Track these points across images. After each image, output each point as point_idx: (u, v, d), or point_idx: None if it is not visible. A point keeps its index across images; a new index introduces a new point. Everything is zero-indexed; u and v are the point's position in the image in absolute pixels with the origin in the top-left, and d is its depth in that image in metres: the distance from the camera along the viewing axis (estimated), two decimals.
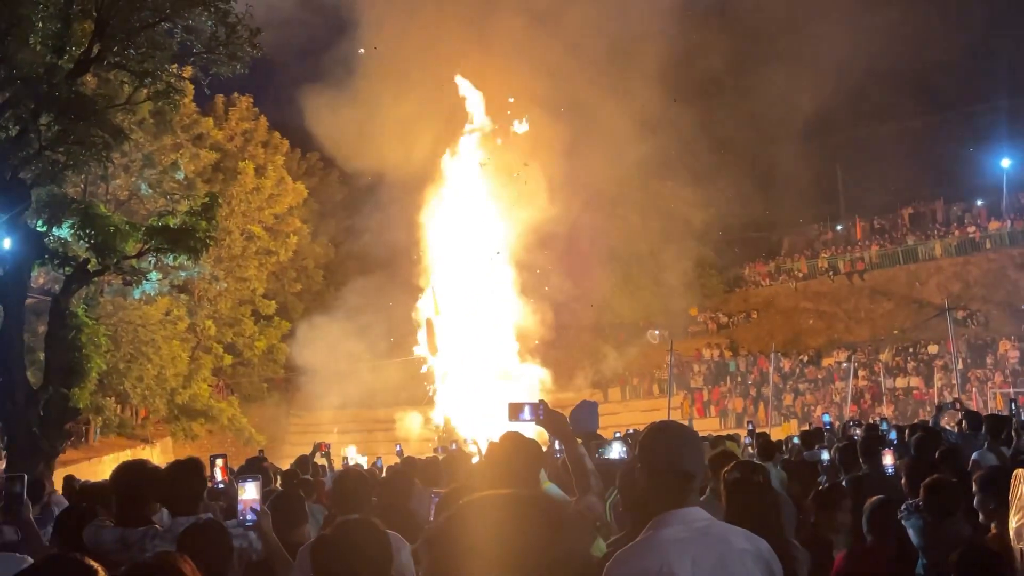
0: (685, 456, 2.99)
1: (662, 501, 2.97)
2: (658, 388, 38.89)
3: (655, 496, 3.02)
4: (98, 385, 22.05)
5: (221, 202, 18.43)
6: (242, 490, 4.35)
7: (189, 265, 20.50)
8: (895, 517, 4.87)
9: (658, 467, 3.00)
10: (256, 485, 4.37)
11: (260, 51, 17.15)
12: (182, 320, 31.47)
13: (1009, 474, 4.50)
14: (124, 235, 15.49)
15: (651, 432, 3.10)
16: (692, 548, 2.83)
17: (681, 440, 3.04)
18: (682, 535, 2.87)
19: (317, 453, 14.80)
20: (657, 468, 3.01)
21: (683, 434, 3.10)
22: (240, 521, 4.33)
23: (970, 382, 32.67)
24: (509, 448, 4.02)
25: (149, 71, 16.10)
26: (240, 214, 35.17)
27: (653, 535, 2.91)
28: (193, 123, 33.52)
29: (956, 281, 38.89)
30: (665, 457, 3.00)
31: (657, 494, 3.01)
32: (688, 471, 2.96)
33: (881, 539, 4.71)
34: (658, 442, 3.05)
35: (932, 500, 4.86)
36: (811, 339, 40.82)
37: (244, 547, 4.59)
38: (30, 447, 14.50)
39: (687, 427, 3.19)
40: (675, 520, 2.91)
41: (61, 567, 2.53)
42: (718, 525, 2.98)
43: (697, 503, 3.01)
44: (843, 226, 47.02)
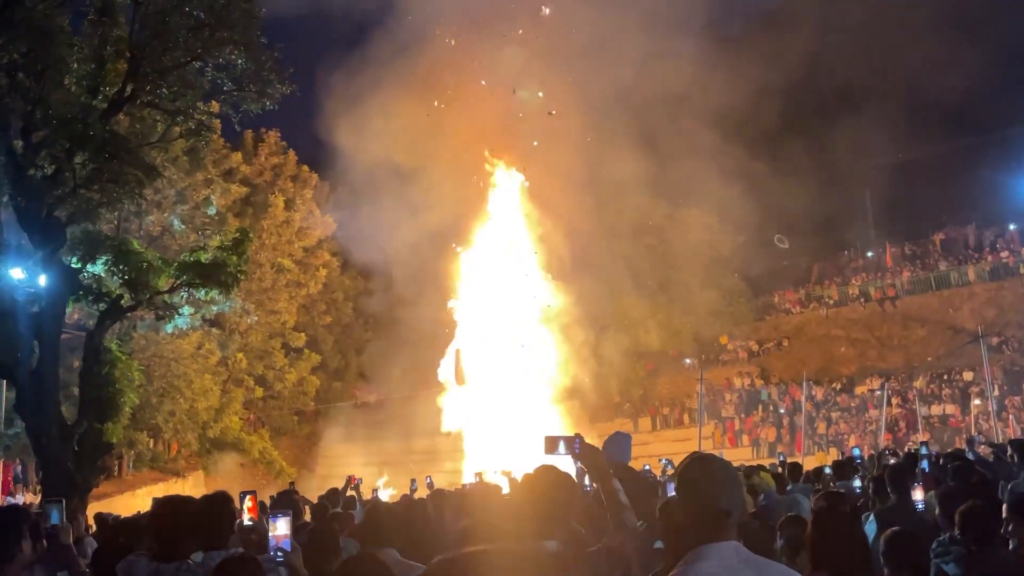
0: (723, 493, 2.96)
1: (698, 536, 2.96)
2: (689, 417, 38.62)
3: (691, 530, 3.01)
4: (131, 419, 22.25)
5: (252, 236, 18.59)
6: (273, 526, 4.38)
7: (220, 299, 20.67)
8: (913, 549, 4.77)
9: (695, 503, 2.99)
10: (287, 520, 4.41)
11: (290, 88, 17.39)
12: (213, 354, 31.76)
13: None
14: (156, 271, 15.71)
15: (690, 466, 3.08)
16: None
17: (719, 476, 3.01)
18: (718, 570, 2.85)
19: (348, 486, 14.83)
20: (694, 504, 3.00)
21: (721, 469, 3.06)
22: (271, 556, 4.35)
23: (1007, 409, 32.15)
24: (546, 482, 3.97)
25: (181, 109, 16.39)
26: (270, 247, 35.53)
27: (688, 569, 2.89)
28: (223, 158, 33.99)
29: (990, 307, 38.43)
30: (703, 493, 2.98)
31: (694, 529, 2.99)
32: (725, 508, 2.94)
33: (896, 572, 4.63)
34: (696, 477, 3.03)
35: (970, 527, 4.77)
36: (843, 367, 40.40)
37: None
38: (64, 482, 14.64)
39: (726, 462, 3.15)
40: (711, 554, 2.88)
41: None
42: (755, 560, 2.96)
43: (733, 538, 2.98)
44: (874, 252, 46.65)
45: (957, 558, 4.70)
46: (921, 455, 10.10)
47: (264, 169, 38.66)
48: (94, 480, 16.00)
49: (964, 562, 4.66)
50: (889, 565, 4.86)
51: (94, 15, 16.49)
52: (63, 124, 14.94)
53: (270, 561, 4.43)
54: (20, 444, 23.17)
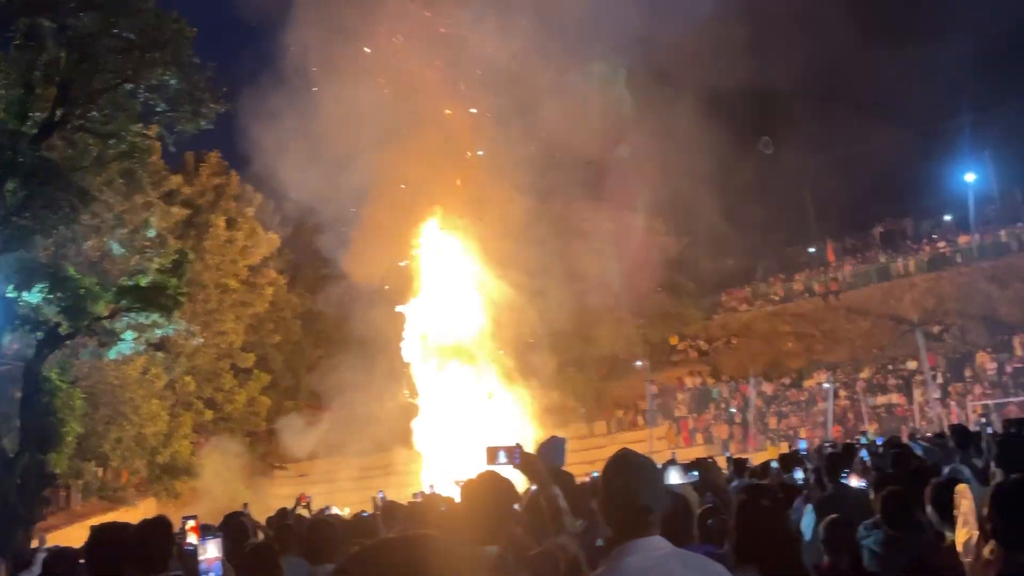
0: (642, 490, 3.02)
1: (623, 532, 3.02)
2: (643, 419, 38.90)
3: (615, 528, 3.07)
4: (76, 449, 21.83)
5: (193, 258, 18.40)
6: (203, 549, 4.36)
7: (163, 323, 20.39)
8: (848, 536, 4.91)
9: (616, 501, 3.05)
10: (217, 543, 4.39)
11: (225, 106, 17.26)
12: (160, 378, 31.25)
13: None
14: (95, 297, 15.45)
15: (611, 464, 3.14)
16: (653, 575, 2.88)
17: (638, 473, 3.08)
18: (643, 564, 2.91)
19: (298, 505, 14.71)
20: (615, 501, 3.06)
21: (640, 467, 3.13)
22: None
23: (950, 396, 32.87)
24: (486, 488, 3.99)
25: (114, 132, 16.17)
26: (214, 268, 35.10)
27: (615, 565, 2.95)
28: (163, 180, 33.53)
29: (930, 296, 39.25)
30: (623, 491, 3.04)
31: (617, 526, 3.06)
32: (645, 505, 3.00)
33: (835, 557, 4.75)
34: (616, 476, 3.10)
35: (887, 512, 4.92)
36: (791, 361, 41.01)
37: None
38: (7, 515, 14.33)
39: (645, 459, 3.21)
40: (635, 550, 2.94)
41: None
42: (676, 553, 3.02)
43: (657, 533, 3.05)
44: (816, 248, 47.41)
45: (877, 541, 4.83)
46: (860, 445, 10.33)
47: (206, 189, 38.21)
48: (38, 512, 15.67)
49: (883, 545, 4.79)
50: (828, 551, 5.00)
51: (20, 39, 16.19)
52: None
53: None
54: None
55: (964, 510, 3.92)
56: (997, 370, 34.11)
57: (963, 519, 4.04)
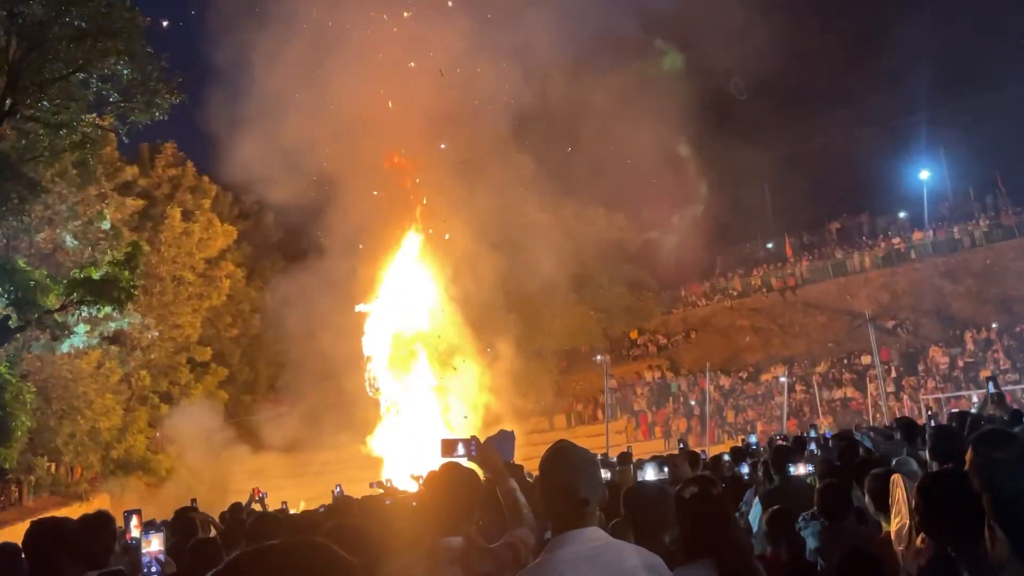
0: (580, 481, 3.04)
1: (560, 523, 3.04)
2: (602, 413, 39.06)
3: (553, 519, 3.08)
4: (28, 444, 21.51)
5: (148, 250, 18.18)
6: (146, 542, 4.33)
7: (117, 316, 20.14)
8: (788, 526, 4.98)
9: (555, 492, 3.07)
10: (160, 537, 4.36)
11: (180, 98, 17.05)
12: (114, 372, 30.84)
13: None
14: (45, 289, 15.22)
15: (549, 457, 3.15)
16: (587, 567, 2.89)
17: (576, 465, 3.09)
18: (577, 555, 2.92)
19: (252, 499, 14.62)
20: (554, 493, 3.07)
21: (579, 459, 3.14)
22: (145, 573, 4.30)
23: (903, 390, 33.40)
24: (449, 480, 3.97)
25: (65, 122, 15.90)
26: (170, 260, 34.69)
27: (551, 556, 2.97)
28: (118, 171, 33.08)
29: (884, 292, 39.83)
30: (562, 482, 3.05)
31: (555, 517, 3.07)
32: (583, 497, 3.02)
33: (776, 548, 4.83)
34: (555, 467, 3.11)
35: (823, 503, 5.00)
36: (749, 355, 41.40)
37: None
38: None
39: (583, 451, 3.22)
40: (571, 541, 2.96)
41: None
42: (613, 544, 3.04)
43: (594, 524, 3.06)
44: (774, 243, 47.88)
45: (814, 532, 4.91)
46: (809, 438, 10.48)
47: (162, 181, 37.74)
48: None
49: (819, 536, 4.88)
50: (769, 541, 5.07)
51: None
52: None
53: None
54: None
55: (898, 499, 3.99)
56: (949, 364, 34.71)
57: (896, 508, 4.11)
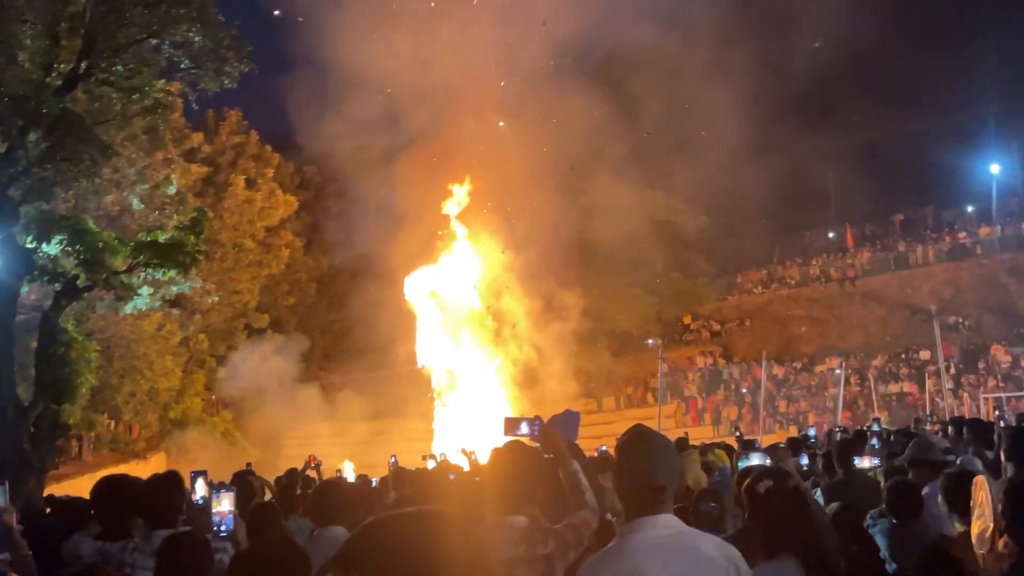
0: (657, 467, 3.01)
1: (634, 509, 3.01)
2: (652, 397, 38.90)
3: (627, 504, 3.06)
4: (90, 401, 22.03)
5: (211, 216, 18.42)
6: (217, 502, 4.36)
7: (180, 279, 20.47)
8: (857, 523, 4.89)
9: (630, 477, 3.04)
10: (230, 497, 4.38)
11: (249, 66, 17.18)
12: (174, 334, 31.47)
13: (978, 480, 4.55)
14: (113, 250, 15.49)
15: (626, 442, 3.12)
16: (663, 554, 2.87)
17: (654, 452, 3.06)
18: (653, 541, 2.90)
19: (307, 466, 14.84)
20: (630, 478, 3.05)
21: (657, 445, 3.11)
22: (215, 532, 4.34)
23: (962, 387, 32.74)
24: (514, 459, 3.93)
25: (137, 87, 16.14)
26: (231, 227, 35.20)
27: (624, 541, 2.95)
28: (184, 137, 33.59)
29: (948, 287, 39.02)
30: (638, 468, 3.03)
31: (629, 502, 3.05)
32: (660, 484, 2.99)
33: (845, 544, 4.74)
34: (632, 453, 3.08)
35: (894, 501, 4.90)
36: (804, 346, 40.89)
37: (222, 559, 4.62)
38: (20, 463, 14.49)
39: (661, 437, 3.18)
40: (647, 526, 2.94)
41: None
42: (689, 532, 3.02)
43: (669, 512, 3.03)
44: (835, 233, 47.12)
45: (883, 531, 4.82)
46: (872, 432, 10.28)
47: (225, 148, 38.26)
48: (51, 461, 15.85)
49: (888, 535, 4.78)
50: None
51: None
52: (16, 101, 14.64)
53: (213, 537, 4.43)
54: None
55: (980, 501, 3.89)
56: (1011, 363, 33.93)
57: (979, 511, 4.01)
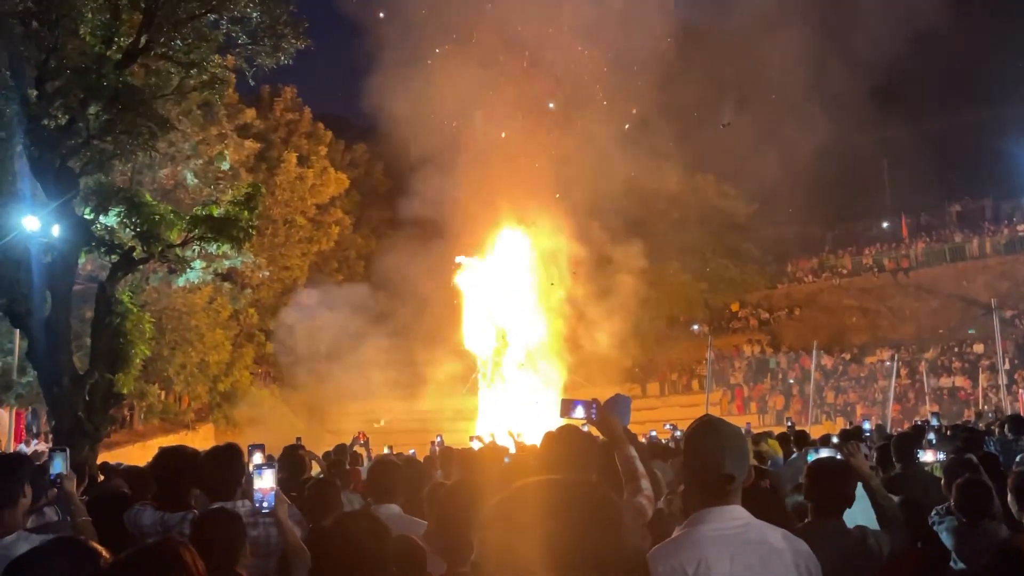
0: (727, 457, 2.94)
1: (702, 499, 2.96)
2: (697, 384, 38.68)
3: (695, 493, 3.01)
4: (142, 371, 22.37)
5: (264, 192, 18.54)
6: (258, 479, 4.33)
7: (232, 254, 20.69)
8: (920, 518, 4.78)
9: (700, 466, 2.98)
10: (272, 473, 4.33)
11: (305, 43, 17.23)
12: (225, 308, 31.88)
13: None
14: (169, 224, 15.68)
15: (695, 429, 3.06)
16: (730, 545, 2.82)
17: (723, 439, 2.98)
18: (720, 532, 2.85)
19: (356, 442, 14.95)
20: (699, 467, 2.99)
21: (727, 433, 3.03)
22: (256, 509, 4.33)
23: (1016, 383, 32.09)
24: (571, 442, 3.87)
25: (195, 62, 16.25)
26: (283, 203, 35.51)
27: (691, 531, 2.90)
28: (237, 113, 33.88)
29: (1004, 280, 38.24)
30: (708, 457, 2.96)
31: (697, 491, 3.00)
32: (729, 473, 2.92)
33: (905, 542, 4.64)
34: (702, 441, 3.01)
35: (964, 500, 4.78)
36: (854, 337, 40.36)
37: (260, 535, 4.63)
38: (75, 430, 14.78)
39: (731, 426, 3.10)
40: (714, 517, 2.89)
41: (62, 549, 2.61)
42: (757, 524, 2.95)
43: (738, 502, 2.97)
44: (889, 223, 46.36)
45: (950, 529, 4.71)
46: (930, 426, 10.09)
47: (279, 125, 38.56)
48: (105, 429, 16.10)
49: (956, 533, 4.67)
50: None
51: None
52: (77, 74, 14.83)
53: (255, 514, 4.43)
54: (32, 392, 23.37)
55: None
56: None
57: None
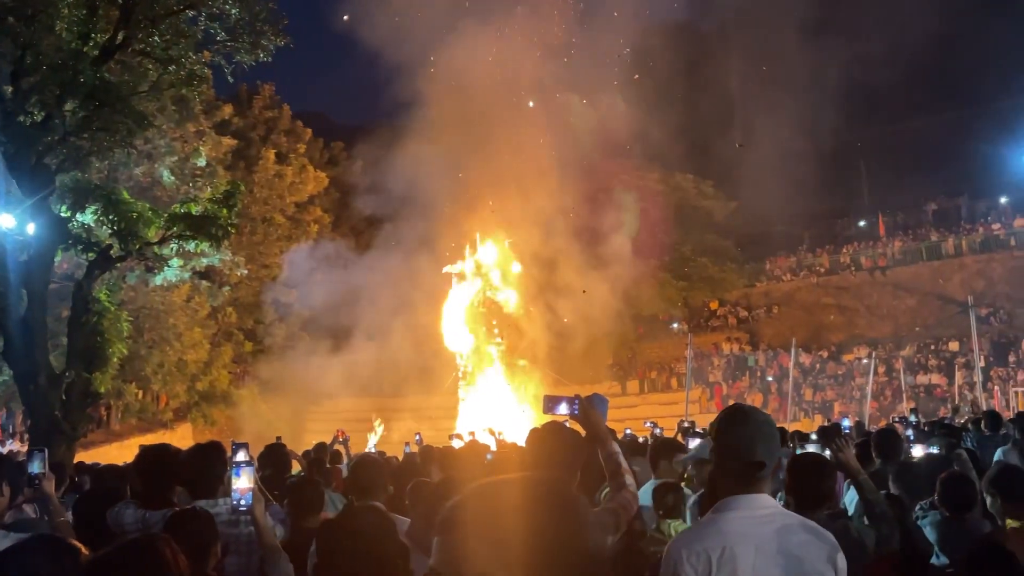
0: (758, 443, 2.95)
1: (730, 486, 2.97)
2: (677, 382, 38.81)
3: (723, 480, 3.01)
4: (119, 370, 22.21)
5: (243, 190, 18.42)
6: (236, 478, 4.31)
7: (211, 252, 20.57)
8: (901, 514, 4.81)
9: (729, 452, 2.98)
10: (249, 473, 4.33)
11: (284, 40, 17.13)
12: (203, 307, 31.70)
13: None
14: (147, 221, 15.55)
15: (725, 416, 3.07)
16: (756, 534, 2.83)
17: (756, 427, 2.99)
18: (747, 520, 2.86)
19: (335, 440, 14.90)
20: (728, 453, 2.98)
21: (758, 419, 3.04)
22: (234, 507, 4.31)
23: (992, 380, 32.41)
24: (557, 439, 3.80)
25: (173, 58, 16.13)
26: (261, 201, 35.34)
27: (718, 517, 2.91)
28: (215, 109, 33.66)
29: (979, 278, 38.61)
30: (738, 443, 2.96)
31: (726, 479, 3.00)
32: (759, 460, 2.93)
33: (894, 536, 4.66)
34: (733, 427, 3.01)
35: (947, 495, 4.81)
36: (832, 335, 40.64)
37: (242, 533, 4.61)
38: (52, 430, 14.63)
39: (764, 414, 3.10)
40: (742, 505, 2.90)
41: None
42: (784, 514, 2.96)
43: (767, 491, 2.97)
44: (866, 221, 46.70)
45: (933, 523, 4.74)
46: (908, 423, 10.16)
47: (257, 123, 38.35)
48: (82, 429, 15.94)
49: (939, 528, 4.70)
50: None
51: None
52: (54, 70, 14.66)
53: (233, 512, 4.41)
54: (8, 391, 23.15)
55: None
56: None
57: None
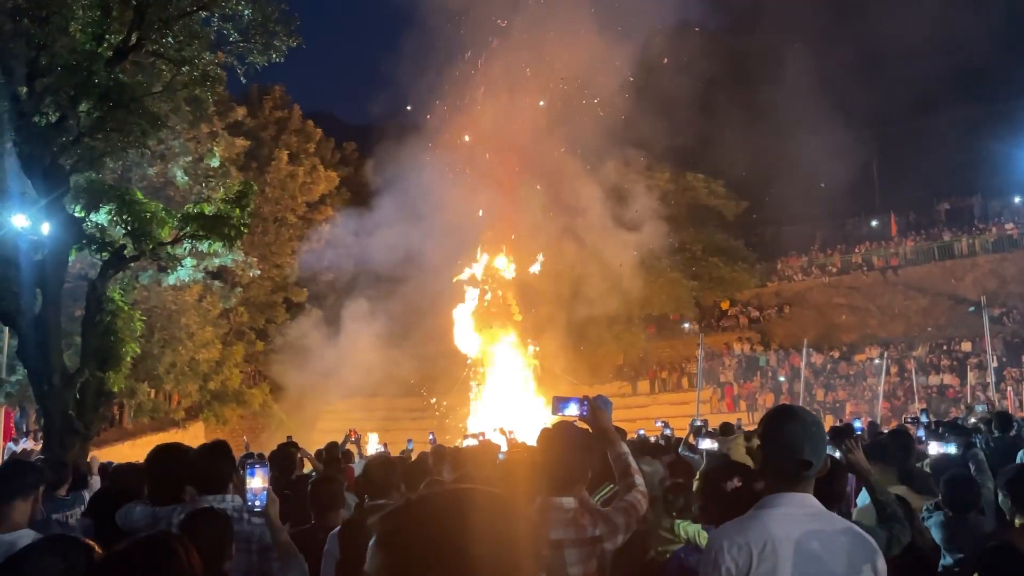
0: (806, 442, 2.97)
1: (775, 483, 3.00)
2: (688, 382, 38.76)
3: (770, 477, 3.05)
4: (132, 369, 22.32)
5: (256, 190, 18.50)
6: (250, 478, 4.34)
7: (223, 252, 20.67)
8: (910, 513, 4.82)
9: (777, 451, 3.01)
10: (263, 472, 4.36)
11: (297, 41, 17.20)
12: (215, 306, 31.84)
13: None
14: (160, 221, 15.64)
15: (773, 414, 3.12)
16: (798, 532, 2.86)
17: (804, 427, 3.02)
18: (790, 518, 2.90)
19: (347, 440, 14.96)
20: (776, 452, 3.02)
21: (806, 419, 3.07)
22: (248, 507, 4.35)
23: (1005, 380, 32.25)
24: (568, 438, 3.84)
25: (187, 59, 16.22)
26: (273, 201, 35.46)
27: (761, 513, 2.94)
28: (228, 110, 33.81)
29: (992, 278, 38.42)
30: (785, 441, 2.99)
31: (772, 476, 3.03)
32: (807, 460, 2.96)
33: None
34: (781, 426, 3.05)
35: (951, 495, 4.82)
36: (844, 335, 40.50)
37: (243, 530, 4.65)
38: (66, 429, 14.72)
39: (811, 415, 3.13)
40: (785, 502, 2.93)
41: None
42: (827, 515, 2.99)
43: (810, 491, 3.01)
44: (878, 221, 46.52)
45: (937, 523, 4.75)
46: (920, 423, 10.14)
47: (268, 123, 38.49)
48: (95, 427, 16.03)
49: (943, 527, 4.71)
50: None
51: None
52: (68, 71, 14.75)
53: (241, 509, 4.45)
54: (22, 390, 23.29)
55: None
56: None
57: None
